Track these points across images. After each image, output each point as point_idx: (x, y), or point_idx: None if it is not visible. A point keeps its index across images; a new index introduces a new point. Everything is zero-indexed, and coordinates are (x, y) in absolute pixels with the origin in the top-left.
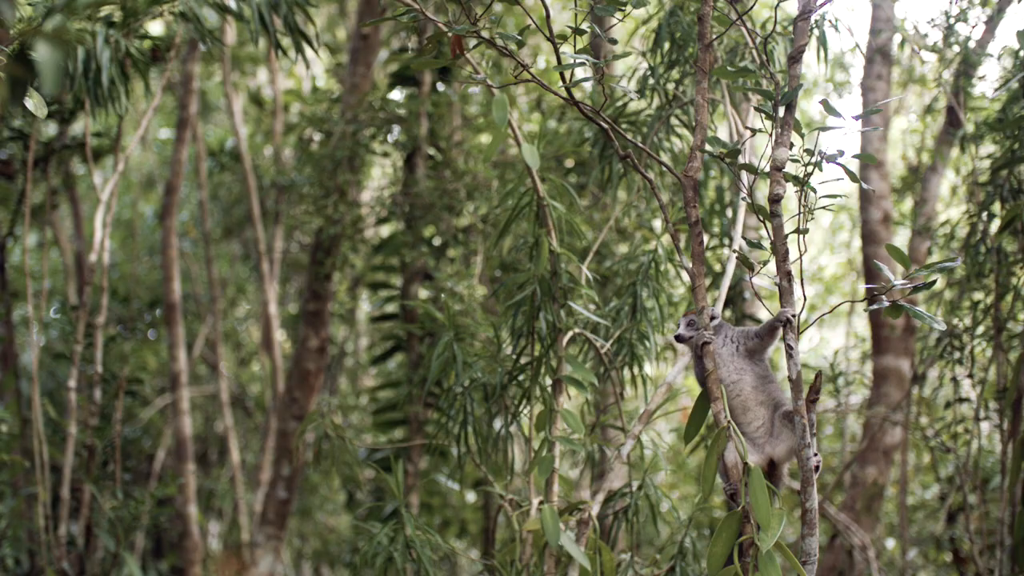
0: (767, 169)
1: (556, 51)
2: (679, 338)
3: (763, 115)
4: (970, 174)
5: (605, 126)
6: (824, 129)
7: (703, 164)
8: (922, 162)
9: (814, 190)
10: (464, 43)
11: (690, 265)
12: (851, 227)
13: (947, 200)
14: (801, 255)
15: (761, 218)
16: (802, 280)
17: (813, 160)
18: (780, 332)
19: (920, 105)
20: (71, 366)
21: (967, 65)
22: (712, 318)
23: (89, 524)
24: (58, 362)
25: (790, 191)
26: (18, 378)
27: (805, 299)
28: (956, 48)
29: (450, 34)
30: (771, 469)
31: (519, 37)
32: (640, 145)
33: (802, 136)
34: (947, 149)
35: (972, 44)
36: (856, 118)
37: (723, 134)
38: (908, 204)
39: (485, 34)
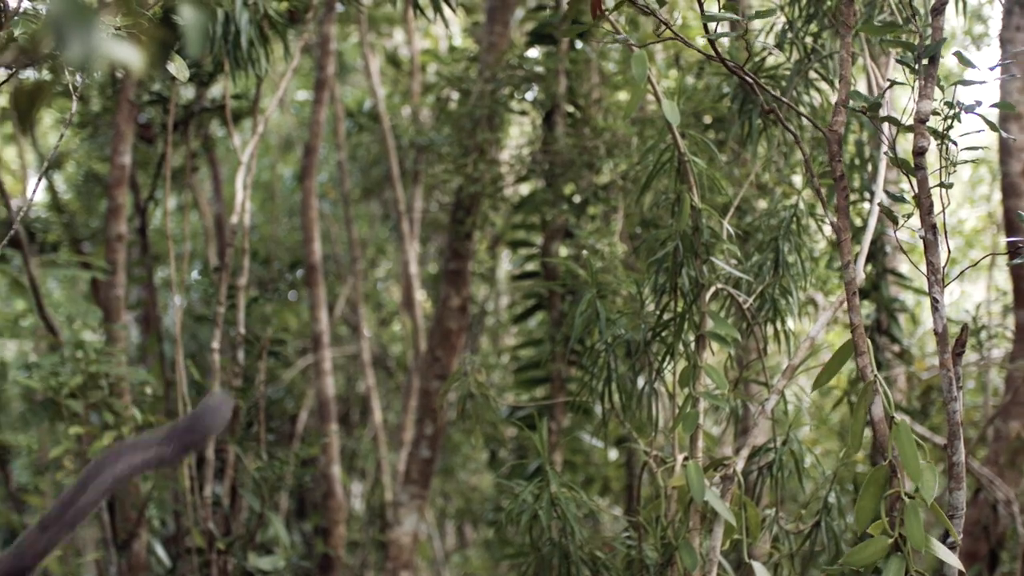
0: (909, 122)
1: (700, 5)
2: None
3: (905, 68)
4: None
5: (749, 81)
6: (966, 83)
7: None
8: None
9: (955, 143)
10: (603, 3)
11: (835, 220)
12: (990, 180)
13: None
14: (944, 208)
15: (904, 171)
16: (946, 233)
17: (953, 113)
18: None
19: None
20: (214, 328)
21: None
22: None
23: (234, 485)
24: (200, 324)
25: (932, 144)
26: (161, 341)
27: (949, 252)
28: None
29: None
30: None
31: None
32: (783, 99)
33: (942, 89)
34: None
35: None
36: (993, 67)
37: (862, 88)
38: None
39: None
